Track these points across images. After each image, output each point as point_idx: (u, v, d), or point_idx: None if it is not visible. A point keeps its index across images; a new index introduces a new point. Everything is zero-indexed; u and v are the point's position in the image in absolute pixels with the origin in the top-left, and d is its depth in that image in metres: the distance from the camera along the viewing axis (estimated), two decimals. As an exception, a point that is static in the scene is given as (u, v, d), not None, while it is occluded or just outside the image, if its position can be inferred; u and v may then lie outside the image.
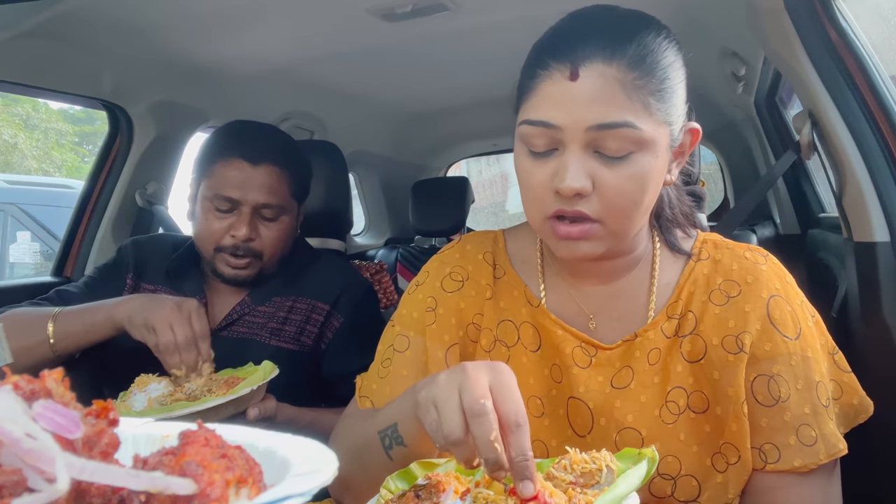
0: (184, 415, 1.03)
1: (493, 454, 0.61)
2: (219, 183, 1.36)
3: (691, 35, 1.79)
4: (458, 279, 0.96)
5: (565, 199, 0.78)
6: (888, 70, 1.22)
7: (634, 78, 0.76)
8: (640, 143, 0.77)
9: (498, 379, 0.66)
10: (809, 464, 0.80)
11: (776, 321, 0.84)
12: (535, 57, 0.81)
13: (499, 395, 0.64)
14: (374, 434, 0.79)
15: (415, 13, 1.57)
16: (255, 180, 1.36)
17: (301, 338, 1.44)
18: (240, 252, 1.37)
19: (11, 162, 11.09)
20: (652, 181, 0.80)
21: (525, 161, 0.82)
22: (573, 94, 0.76)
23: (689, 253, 0.91)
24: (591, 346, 0.89)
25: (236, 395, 1.07)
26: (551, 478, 0.66)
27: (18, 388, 0.40)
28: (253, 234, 1.37)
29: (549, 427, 0.90)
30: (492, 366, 0.68)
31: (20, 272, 5.44)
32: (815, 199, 2.04)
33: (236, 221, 1.36)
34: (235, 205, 1.36)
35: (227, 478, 0.40)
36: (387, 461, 0.78)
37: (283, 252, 1.45)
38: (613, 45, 0.76)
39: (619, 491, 0.61)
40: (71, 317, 1.26)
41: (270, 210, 1.38)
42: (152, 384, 1.15)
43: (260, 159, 1.37)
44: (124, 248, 1.52)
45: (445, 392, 0.65)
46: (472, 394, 0.63)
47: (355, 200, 3.10)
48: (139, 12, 1.48)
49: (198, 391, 1.12)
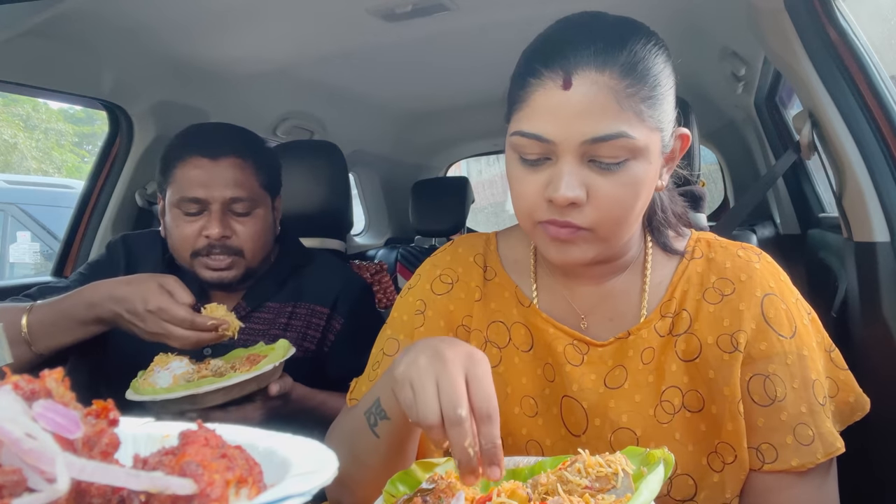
0: (211, 390, 1.07)
1: (466, 458, 0.64)
2: (182, 185, 1.31)
3: (691, 35, 1.79)
4: (448, 281, 0.97)
5: (557, 208, 0.78)
6: (888, 70, 1.22)
7: (626, 86, 0.75)
8: (634, 151, 0.77)
9: (474, 371, 0.68)
10: (807, 463, 0.80)
11: (771, 320, 0.84)
12: (526, 65, 0.80)
13: (472, 387, 0.67)
14: (361, 417, 0.81)
15: (415, 13, 1.57)
16: (218, 175, 1.30)
17: (304, 343, 1.42)
18: (217, 251, 1.31)
19: (11, 162, 11.09)
20: (645, 188, 0.80)
21: (517, 169, 0.82)
22: (566, 104, 0.76)
23: (681, 252, 0.91)
24: (582, 344, 0.90)
25: (260, 371, 1.11)
26: (565, 482, 0.64)
27: (18, 388, 0.40)
28: (227, 232, 1.31)
29: (544, 426, 0.90)
30: (469, 355, 0.70)
31: (20, 272, 5.43)
32: (815, 199, 2.04)
33: (207, 222, 1.30)
34: (203, 205, 1.30)
35: (227, 478, 0.40)
36: (374, 440, 0.80)
37: (265, 248, 1.39)
38: (605, 52, 0.76)
39: (644, 498, 0.59)
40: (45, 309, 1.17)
41: (241, 204, 1.32)
42: (174, 362, 1.16)
43: (220, 153, 1.31)
44: (114, 244, 1.46)
45: (423, 378, 0.68)
46: (450, 398, 0.66)
47: (355, 200, 3.10)
48: (139, 12, 1.48)
49: (223, 368, 1.15)
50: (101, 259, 1.46)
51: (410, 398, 0.68)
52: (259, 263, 1.39)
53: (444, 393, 0.66)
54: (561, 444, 0.89)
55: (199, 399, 1.08)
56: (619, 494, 0.62)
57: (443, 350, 0.70)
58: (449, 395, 0.66)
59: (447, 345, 0.71)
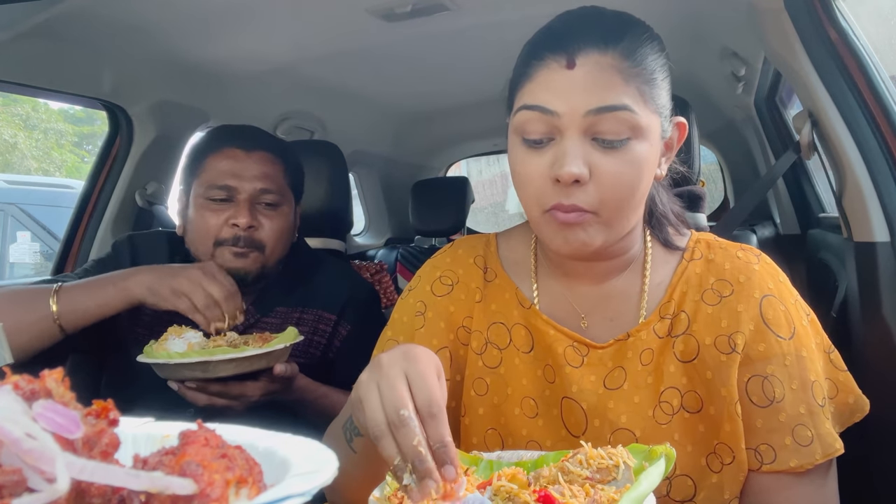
0: (224, 359, 1.10)
1: (418, 457, 0.61)
2: (212, 174, 1.32)
3: (691, 35, 1.80)
4: (448, 283, 0.97)
5: (563, 188, 0.78)
6: (888, 70, 1.22)
7: (629, 66, 0.78)
8: (637, 129, 0.78)
9: (413, 369, 0.65)
10: (806, 464, 0.80)
11: (769, 321, 0.84)
12: (530, 50, 0.82)
13: (414, 386, 0.64)
14: (340, 429, 0.81)
15: (415, 13, 1.57)
16: (250, 166, 1.32)
17: (310, 350, 1.42)
18: (241, 243, 1.31)
19: (11, 162, 11.09)
20: (646, 169, 0.81)
21: (520, 152, 0.82)
22: (570, 81, 0.78)
23: (682, 248, 0.92)
24: (582, 346, 0.90)
25: (273, 349, 1.14)
26: (567, 472, 0.65)
27: (18, 388, 0.40)
28: (254, 222, 1.31)
29: (544, 427, 0.90)
30: (405, 353, 0.67)
31: (20, 272, 5.44)
32: (815, 199, 2.04)
33: (235, 211, 1.30)
34: (232, 193, 1.31)
35: (227, 478, 0.40)
36: (351, 454, 0.78)
37: (284, 247, 1.40)
38: (606, 38, 0.78)
39: (643, 489, 0.60)
40: (76, 290, 1.20)
41: (270, 196, 1.33)
42: (188, 332, 1.18)
43: (253, 146, 1.34)
44: (120, 243, 1.47)
45: (367, 390, 0.65)
46: (390, 401, 0.63)
47: (355, 200, 3.10)
48: (139, 12, 1.48)
49: (237, 340, 1.18)
50: (107, 258, 1.46)
51: (362, 416, 0.65)
52: (275, 263, 1.39)
53: (385, 398, 0.64)
54: (561, 445, 0.89)
55: (212, 367, 1.10)
56: (620, 486, 0.63)
57: (380, 358, 0.68)
58: (389, 399, 0.63)
59: (388, 352, 0.69)
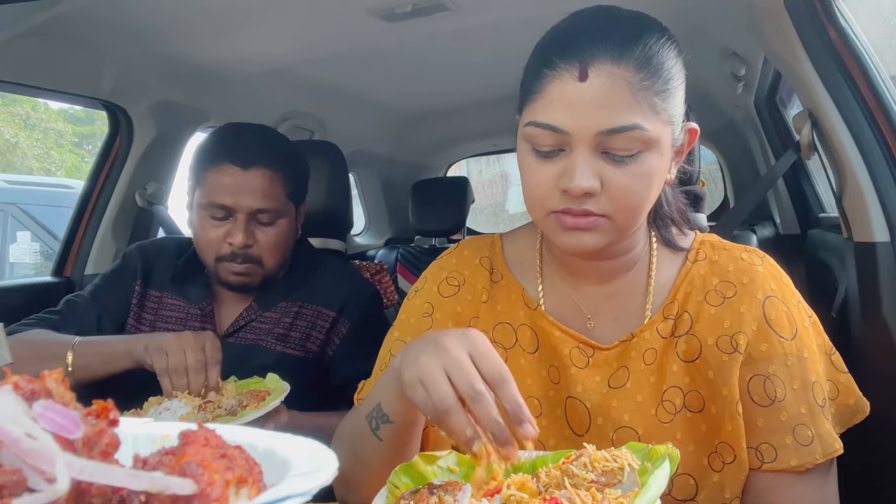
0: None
1: (498, 427, 0.65)
2: (211, 191, 1.35)
3: (691, 35, 1.79)
4: (455, 284, 0.97)
5: (573, 198, 0.78)
6: (888, 70, 1.22)
7: (641, 79, 0.76)
8: (648, 143, 0.77)
9: (476, 349, 0.69)
10: (806, 463, 0.81)
11: (772, 322, 0.84)
12: (541, 56, 0.80)
13: (478, 363, 0.68)
14: (363, 419, 0.81)
15: (415, 13, 1.57)
16: (247, 185, 1.34)
17: (306, 344, 1.44)
18: (239, 259, 1.36)
19: (12, 162, 11.09)
20: (657, 179, 0.81)
21: (530, 160, 0.82)
22: (582, 96, 0.76)
23: (686, 249, 0.92)
24: (588, 347, 0.90)
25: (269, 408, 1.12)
26: (571, 475, 0.64)
27: (18, 388, 0.40)
28: (250, 241, 1.36)
29: (547, 427, 0.90)
30: (465, 335, 0.71)
31: (20, 272, 5.44)
32: (815, 199, 2.04)
33: (232, 228, 1.35)
34: (230, 212, 1.35)
35: (227, 478, 0.40)
36: (376, 442, 0.80)
37: (283, 256, 1.44)
38: (621, 45, 0.76)
39: (652, 494, 0.59)
40: (90, 347, 1.26)
41: (266, 215, 1.37)
42: (174, 402, 1.13)
43: (251, 163, 1.35)
44: (130, 253, 1.50)
45: (431, 371, 0.68)
46: (463, 378, 0.67)
47: (355, 200, 3.10)
48: (139, 12, 1.48)
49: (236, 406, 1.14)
50: (117, 268, 1.50)
51: (424, 395, 0.68)
52: (276, 269, 1.44)
53: (455, 376, 0.67)
54: (564, 444, 0.89)
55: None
56: (625, 489, 0.62)
57: (440, 339, 0.70)
58: (461, 376, 0.66)
59: (442, 335, 0.71)
